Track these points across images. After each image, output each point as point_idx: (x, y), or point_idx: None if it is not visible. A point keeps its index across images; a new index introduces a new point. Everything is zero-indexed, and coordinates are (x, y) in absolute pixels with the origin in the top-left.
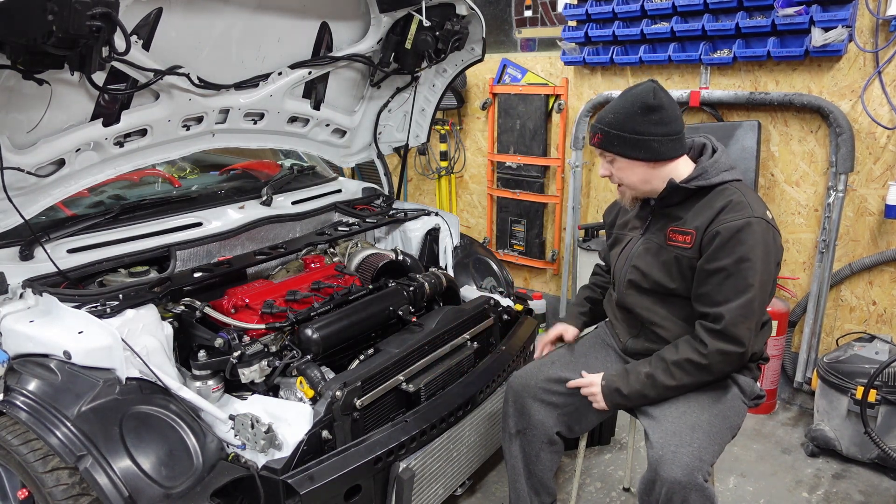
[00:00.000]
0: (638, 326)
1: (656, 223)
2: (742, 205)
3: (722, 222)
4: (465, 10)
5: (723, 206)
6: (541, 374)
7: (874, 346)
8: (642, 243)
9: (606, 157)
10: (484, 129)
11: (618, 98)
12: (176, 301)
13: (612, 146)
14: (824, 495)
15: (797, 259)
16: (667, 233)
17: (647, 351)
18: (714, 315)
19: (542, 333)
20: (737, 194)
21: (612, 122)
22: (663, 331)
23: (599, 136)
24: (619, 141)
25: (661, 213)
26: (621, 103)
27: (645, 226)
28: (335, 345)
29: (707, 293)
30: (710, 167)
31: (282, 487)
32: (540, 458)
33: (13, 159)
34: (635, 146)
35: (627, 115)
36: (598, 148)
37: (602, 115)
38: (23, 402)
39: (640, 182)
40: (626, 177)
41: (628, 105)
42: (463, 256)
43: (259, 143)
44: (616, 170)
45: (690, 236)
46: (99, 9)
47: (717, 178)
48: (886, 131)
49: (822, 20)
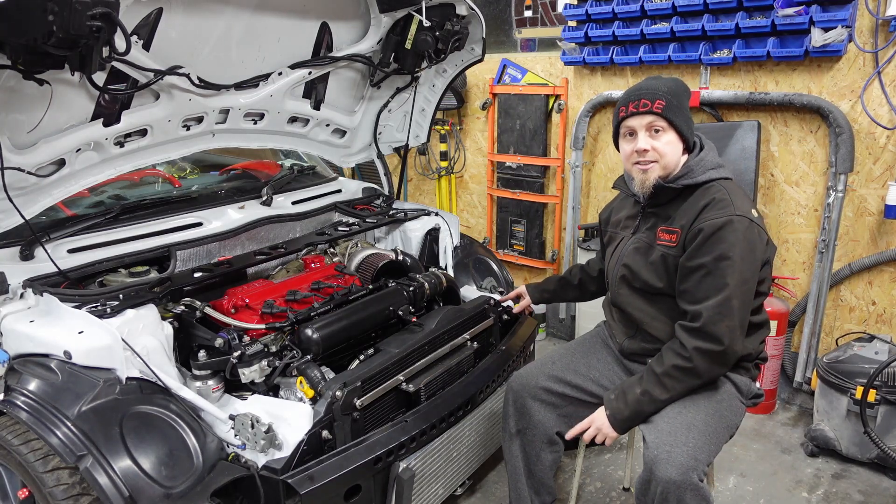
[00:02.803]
0: (633, 327)
1: (646, 222)
2: (725, 202)
3: (704, 220)
4: (465, 10)
5: (706, 203)
6: (541, 374)
7: (874, 346)
8: (632, 242)
9: (656, 126)
10: (484, 129)
11: (657, 78)
12: (176, 301)
13: (674, 116)
14: (824, 495)
15: (797, 259)
16: (656, 232)
17: (643, 351)
18: (693, 313)
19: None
20: (721, 192)
21: (672, 93)
22: (655, 330)
23: (662, 103)
24: (680, 113)
25: (651, 212)
26: (668, 82)
27: (636, 225)
28: (335, 345)
29: (688, 290)
30: (696, 165)
31: (282, 487)
32: (540, 458)
33: (13, 159)
34: (689, 124)
35: (681, 93)
36: (653, 115)
37: (654, 85)
38: (23, 402)
39: (674, 162)
40: (670, 151)
41: (677, 85)
42: (463, 256)
43: (259, 143)
44: (664, 143)
45: (676, 234)
46: (99, 9)
47: (704, 177)
48: (886, 131)
49: (822, 20)
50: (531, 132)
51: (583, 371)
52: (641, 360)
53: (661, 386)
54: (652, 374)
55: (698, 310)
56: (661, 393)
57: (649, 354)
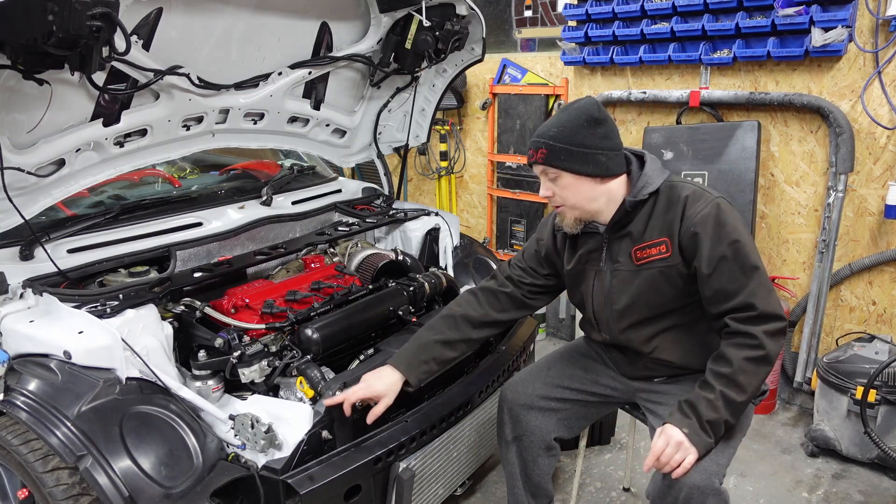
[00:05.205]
0: (634, 356)
1: (615, 249)
2: (698, 193)
3: (692, 217)
4: (465, 10)
5: (683, 203)
6: (536, 382)
7: (874, 346)
8: (612, 275)
9: (549, 174)
10: (484, 129)
11: (558, 113)
12: (176, 301)
13: (559, 161)
14: (824, 495)
15: (797, 259)
16: (631, 253)
17: (648, 376)
18: (742, 305)
19: (355, 387)
20: (686, 187)
21: (557, 136)
22: (665, 353)
23: (544, 152)
24: (567, 155)
25: (617, 237)
26: (565, 117)
27: (603, 256)
28: (335, 345)
29: (720, 289)
30: (650, 171)
31: (282, 487)
32: (537, 464)
33: (13, 159)
34: (584, 160)
35: (574, 129)
36: (541, 164)
37: (543, 129)
38: (23, 402)
39: (585, 201)
40: (570, 195)
41: (573, 118)
42: (463, 256)
43: (259, 143)
44: (560, 188)
45: (664, 244)
46: (99, 9)
47: (659, 180)
48: (886, 131)
49: (822, 20)
50: (531, 132)
51: (581, 376)
52: (646, 385)
53: (736, 386)
54: (721, 377)
55: (745, 298)
56: (738, 394)
57: (655, 377)
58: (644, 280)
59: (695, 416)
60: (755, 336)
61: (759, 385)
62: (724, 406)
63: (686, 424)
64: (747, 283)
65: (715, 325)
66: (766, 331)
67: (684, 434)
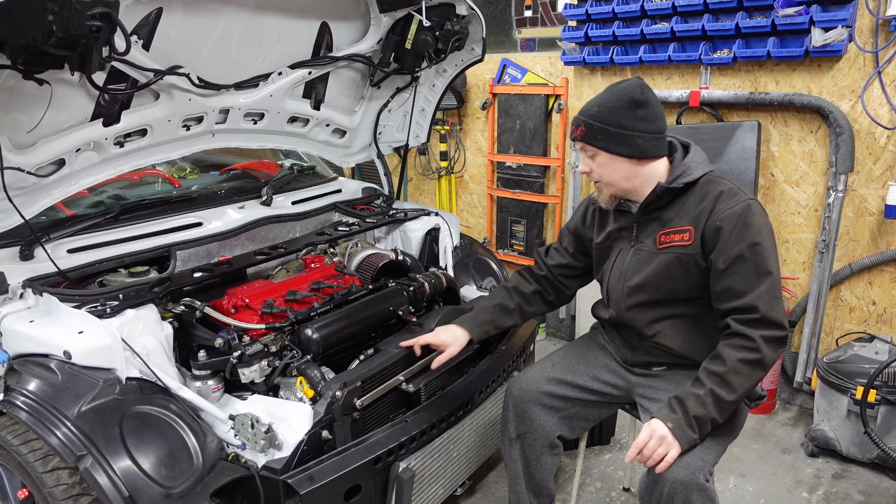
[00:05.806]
0: (636, 339)
1: (643, 230)
2: (734, 190)
3: (721, 212)
4: (465, 10)
5: (716, 197)
6: (541, 378)
7: (874, 346)
8: (633, 254)
9: (588, 151)
10: (484, 129)
11: (603, 92)
12: (176, 301)
13: (595, 140)
14: (824, 495)
15: (797, 259)
16: (656, 238)
17: (647, 363)
18: (746, 306)
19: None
20: (724, 183)
21: (596, 115)
22: (667, 339)
23: (583, 129)
24: (604, 135)
25: (647, 219)
26: (607, 97)
27: (633, 235)
28: (335, 345)
29: (729, 287)
30: (692, 162)
31: (282, 487)
32: (540, 462)
33: (13, 159)
34: (621, 141)
35: (613, 109)
36: (579, 141)
37: (586, 107)
38: (23, 402)
39: (621, 179)
40: (607, 174)
41: (614, 99)
42: (463, 256)
43: (259, 143)
44: (597, 165)
45: (688, 233)
46: (99, 9)
47: (699, 172)
48: (886, 131)
49: (822, 20)
50: (531, 132)
51: (583, 371)
52: (644, 372)
53: (726, 386)
54: (712, 375)
55: (750, 301)
56: (728, 393)
57: (654, 365)
58: (660, 263)
59: (682, 411)
60: (753, 339)
61: (750, 388)
62: (713, 403)
63: (672, 419)
64: (757, 286)
65: (720, 323)
66: (764, 336)
67: (668, 428)
